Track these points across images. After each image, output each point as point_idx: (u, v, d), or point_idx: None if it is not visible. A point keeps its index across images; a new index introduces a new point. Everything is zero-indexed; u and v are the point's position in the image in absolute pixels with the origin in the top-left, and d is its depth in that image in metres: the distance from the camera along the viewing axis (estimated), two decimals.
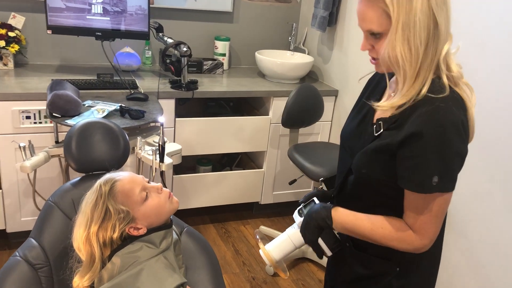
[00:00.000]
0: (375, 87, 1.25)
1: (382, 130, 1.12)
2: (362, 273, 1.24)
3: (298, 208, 1.34)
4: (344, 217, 1.17)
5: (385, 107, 1.09)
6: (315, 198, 1.33)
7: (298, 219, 1.31)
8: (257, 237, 1.35)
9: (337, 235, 1.24)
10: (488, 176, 1.98)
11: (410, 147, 1.03)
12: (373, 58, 1.12)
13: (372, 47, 1.08)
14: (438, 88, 1.03)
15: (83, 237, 1.24)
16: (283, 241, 1.30)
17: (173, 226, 1.37)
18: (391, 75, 1.21)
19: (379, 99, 1.17)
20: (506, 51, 1.87)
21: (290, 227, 1.33)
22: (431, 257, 1.24)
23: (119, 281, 1.19)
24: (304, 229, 1.23)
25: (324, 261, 2.61)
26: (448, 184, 1.04)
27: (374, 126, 1.14)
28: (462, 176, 1.16)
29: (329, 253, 1.25)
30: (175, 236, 1.37)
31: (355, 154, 1.18)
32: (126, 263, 1.21)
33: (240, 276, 2.62)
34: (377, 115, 1.17)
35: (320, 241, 1.25)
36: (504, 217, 1.92)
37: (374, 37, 1.06)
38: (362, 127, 1.21)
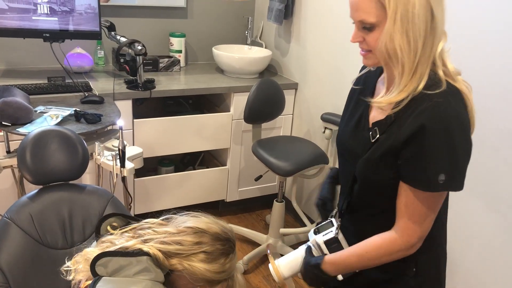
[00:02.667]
0: (364, 85, 1.22)
1: (378, 136, 1.09)
2: (379, 278, 1.21)
3: (314, 228, 1.32)
4: (334, 267, 1.18)
5: (382, 103, 1.06)
6: (333, 220, 1.30)
7: (312, 237, 1.29)
8: (268, 251, 1.34)
9: None
10: None
11: (414, 145, 1.01)
12: (363, 50, 1.09)
13: (363, 38, 1.06)
14: (434, 83, 1.02)
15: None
16: (295, 259, 1.28)
17: None
18: (380, 70, 1.19)
19: (371, 98, 1.15)
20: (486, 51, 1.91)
21: (303, 245, 1.31)
22: (442, 251, 1.25)
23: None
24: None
25: None
26: (456, 183, 1.03)
27: (370, 132, 1.12)
28: None
29: (340, 277, 1.23)
30: None
31: (356, 161, 1.16)
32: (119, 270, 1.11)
33: None
34: (372, 118, 1.14)
35: None
36: (466, 200, 1.97)
37: (366, 28, 1.03)
38: (358, 132, 1.18)
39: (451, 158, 1.00)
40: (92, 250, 1.13)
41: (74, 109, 2.15)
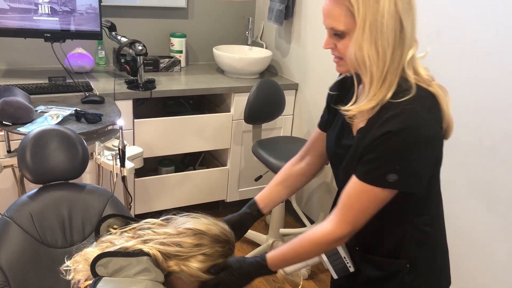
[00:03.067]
0: (344, 91, 1.23)
1: None
2: (375, 275, 1.22)
3: None
4: (277, 262, 1.18)
5: (352, 111, 1.07)
6: None
7: None
8: (271, 249, 1.36)
9: (345, 260, 1.23)
10: (449, 164, 2.02)
11: (373, 147, 1.04)
12: (336, 57, 1.10)
13: (335, 45, 1.07)
14: (404, 90, 1.03)
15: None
16: None
17: None
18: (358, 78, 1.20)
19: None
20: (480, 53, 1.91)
21: None
22: (440, 246, 1.26)
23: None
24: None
25: None
26: (408, 184, 1.05)
27: (354, 139, 1.13)
28: None
29: (335, 276, 1.25)
30: None
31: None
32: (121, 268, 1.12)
33: None
34: (356, 125, 1.14)
35: (328, 265, 1.25)
36: (466, 201, 1.97)
37: (337, 35, 1.05)
38: (343, 140, 1.19)
39: (405, 160, 1.02)
40: (92, 250, 1.13)
41: (74, 108, 2.15)
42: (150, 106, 2.96)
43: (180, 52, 3.10)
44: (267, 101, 2.68)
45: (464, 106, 1.93)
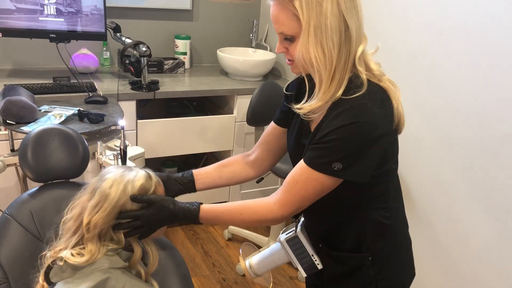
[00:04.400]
0: (303, 92, 1.24)
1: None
2: (340, 270, 1.24)
3: (284, 227, 1.36)
4: (206, 218, 1.19)
5: (304, 109, 1.09)
6: (302, 218, 1.33)
7: (279, 236, 1.33)
8: (240, 251, 1.37)
9: (312, 258, 1.25)
10: (450, 166, 2.02)
11: (323, 137, 1.06)
12: (289, 60, 1.13)
13: (287, 49, 1.10)
14: (356, 86, 1.05)
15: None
16: (265, 258, 1.32)
17: None
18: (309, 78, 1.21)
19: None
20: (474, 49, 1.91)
21: (274, 244, 1.34)
22: (402, 236, 1.28)
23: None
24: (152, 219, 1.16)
25: None
26: (352, 174, 1.06)
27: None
28: (426, 168, 1.17)
29: (304, 274, 1.26)
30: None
31: None
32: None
33: (211, 278, 2.58)
34: (313, 125, 1.16)
35: (297, 263, 1.27)
36: (466, 205, 1.97)
37: (287, 39, 1.07)
38: (301, 140, 1.21)
39: (352, 152, 1.04)
40: (41, 273, 1.20)
41: (78, 108, 2.17)
42: (154, 107, 2.97)
43: (185, 54, 3.12)
44: (269, 103, 2.68)
45: (464, 109, 1.93)
